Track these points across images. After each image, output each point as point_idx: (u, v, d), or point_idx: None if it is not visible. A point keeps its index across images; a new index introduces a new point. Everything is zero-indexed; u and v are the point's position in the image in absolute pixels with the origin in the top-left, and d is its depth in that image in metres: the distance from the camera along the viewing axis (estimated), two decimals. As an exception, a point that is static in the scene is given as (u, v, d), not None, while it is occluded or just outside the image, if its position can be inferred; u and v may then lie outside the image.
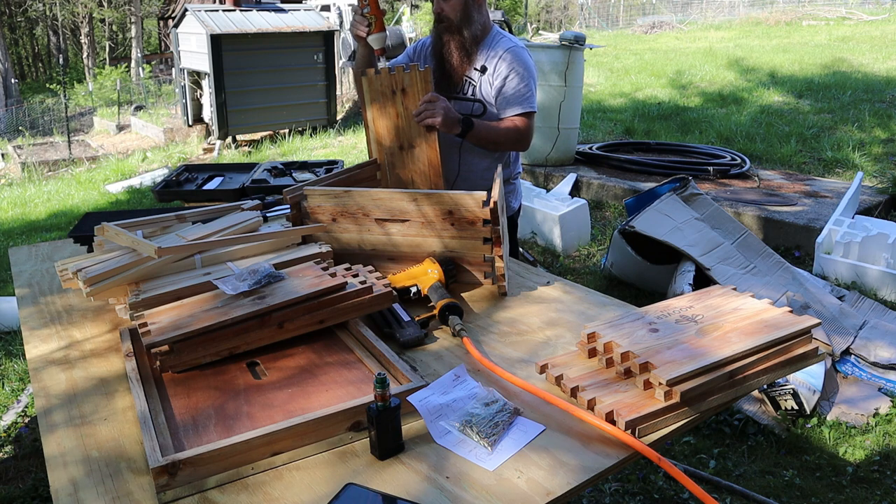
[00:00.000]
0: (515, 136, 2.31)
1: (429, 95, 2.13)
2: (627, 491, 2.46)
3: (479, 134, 2.23)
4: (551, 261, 4.37)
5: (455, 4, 2.26)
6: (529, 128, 2.32)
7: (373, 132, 2.25)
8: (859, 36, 11.92)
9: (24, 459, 2.75)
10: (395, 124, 2.20)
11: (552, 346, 1.54)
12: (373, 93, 2.20)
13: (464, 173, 2.38)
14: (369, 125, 2.25)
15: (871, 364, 2.99)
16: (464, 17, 2.28)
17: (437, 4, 2.28)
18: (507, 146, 2.36)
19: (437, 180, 2.19)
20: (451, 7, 2.26)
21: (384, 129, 2.22)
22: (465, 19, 2.28)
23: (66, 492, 1.12)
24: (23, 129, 13.67)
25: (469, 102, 2.34)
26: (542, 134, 5.66)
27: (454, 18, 2.27)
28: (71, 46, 27.68)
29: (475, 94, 2.34)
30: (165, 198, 2.77)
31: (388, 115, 2.19)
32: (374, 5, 2.18)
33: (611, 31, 17.26)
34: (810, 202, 4.73)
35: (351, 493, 1.08)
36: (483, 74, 2.32)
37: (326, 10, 11.87)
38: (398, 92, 2.17)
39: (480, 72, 2.33)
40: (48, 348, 1.60)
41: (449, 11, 2.27)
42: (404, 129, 2.19)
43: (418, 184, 2.21)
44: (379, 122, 2.21)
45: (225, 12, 9.17)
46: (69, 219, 6.63)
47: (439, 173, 2.19)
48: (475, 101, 2.34)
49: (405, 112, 2.18)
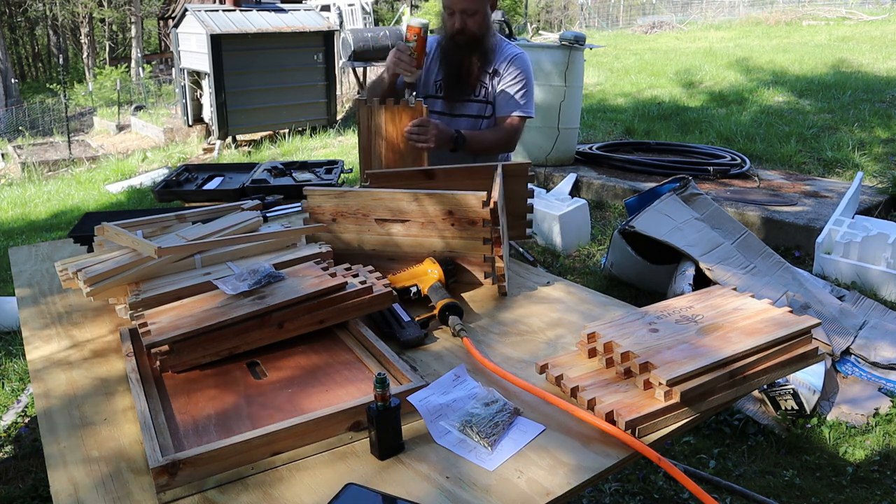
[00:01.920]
0: (505, 139, 2.39)
1: (419, 119, 2.20)
2: (627, 491, 2.46)
3: (470, 146, 2.32)
4: (551, 261, 4.37)
5: (479, 19, 2.31)
6: (520, 131, 2.43)
7: (377, 157, 2.30)
8: (859, 36, 11.92)
9: (24, 459, 2.75)
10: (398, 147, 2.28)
11: (552, 346, 1.54)
12: (378, 118, 2.26)
13: None
14: (375, 151, 2.30)
15: (871, 364, 2.99)
16: (486, 28, 2.35)
17: (460, 20, 2.31)
18: (495, 150, 2.45)
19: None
20: (475, 22, 2.30)
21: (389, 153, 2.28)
22: (486, 30, 2.35)
23: (66, 492, 1.12)
24: (23, 129, 13.68)
25: (481, 104, 2.45)
26: (542, 134, 5.66)
27: (478, 32, 2.32)
28: (71, 46, 27.68)
29: (487, 97, 2.43)
30: (165, 198, 2.76)
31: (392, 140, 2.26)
32: (421, 43, 2.20)
33: (611, 31, 17.26)
34: (810, 202, 4.73)
35: (351, 493, 1.08)
36: (494, 78, 2.42)
37: (326, 10, 11.88)
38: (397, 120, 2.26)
39: (492, 75, 2.41)
40: (48, 348, 1.60)
41: (473, 26, 2.31)
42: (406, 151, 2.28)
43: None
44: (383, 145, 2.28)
45: (225, 12, 9.17)
46: (69, 219, 6.63)
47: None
48: (488, 102, 2.44)
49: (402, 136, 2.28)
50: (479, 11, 2.30)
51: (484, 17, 2.31)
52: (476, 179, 1.96)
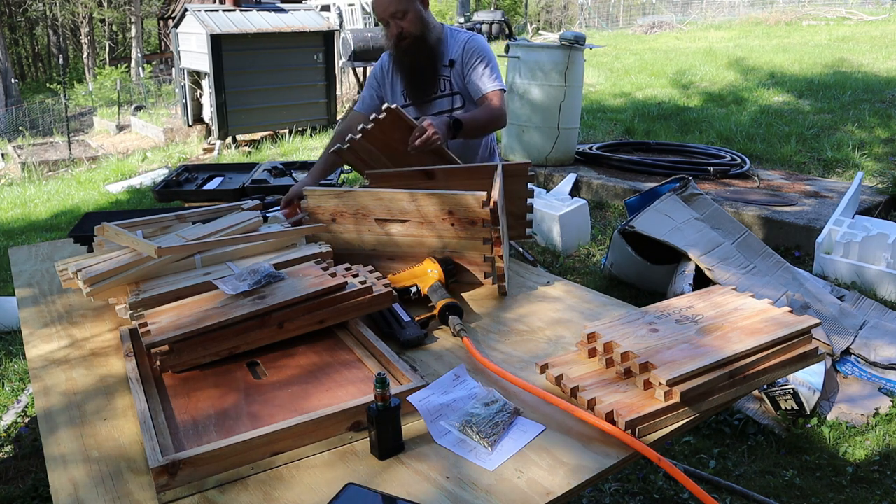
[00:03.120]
0: (496, 113, 2.39)
1: (418, 126, 2.11)
2: (627, 491, 2.46)
3: (467, 128, 2.31)
4: (551, 261, 4.37)
5: (412, 18, 2.33)
6: (503, 103, 2.42)
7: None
8: (859, 36, 11.91)
9: (24, 459, 2.75)
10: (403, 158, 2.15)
11: (552, 346, 1.54)
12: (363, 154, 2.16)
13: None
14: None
15: (871, 364, 2.99)
16: (423, 26, 2.36)
17: (394, 27, 2.34)
18: (491, 128, 2.46)
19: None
20: (409, 23, 2.33)
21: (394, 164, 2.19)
22: (425, 27, 2.37)
23: (66, 492, 1.12)
24: (23, 129, 13.67)
25: (449, 97, 2.46)
26: (543, 134, 5.66)
27: (416, 31, 2.35)
28: (71, 46, 27.68)
29: (452, 88, 2.46)
30: (165, 198, 2.77)
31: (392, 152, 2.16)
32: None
33: (611, 31, 17.25)
34: (810, 202, 4.73)
35: (351, 493, 1.08)
36: (452, 68, 2.43)
37: (326, 10, 11.88)
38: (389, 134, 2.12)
39: (450, 66, 2.44)
40: (48, 348, 1.60)
41: (409, 27, 2.34)
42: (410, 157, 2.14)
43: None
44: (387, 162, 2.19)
45: (225, 12, 9.17)
46: (69, 219, 6.63)
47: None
48: (454, 94, 2.46)
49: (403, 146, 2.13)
50: (409, 10, 2.31)
51: (417, 16, 2.33)
52: (476, 179, 1.96)
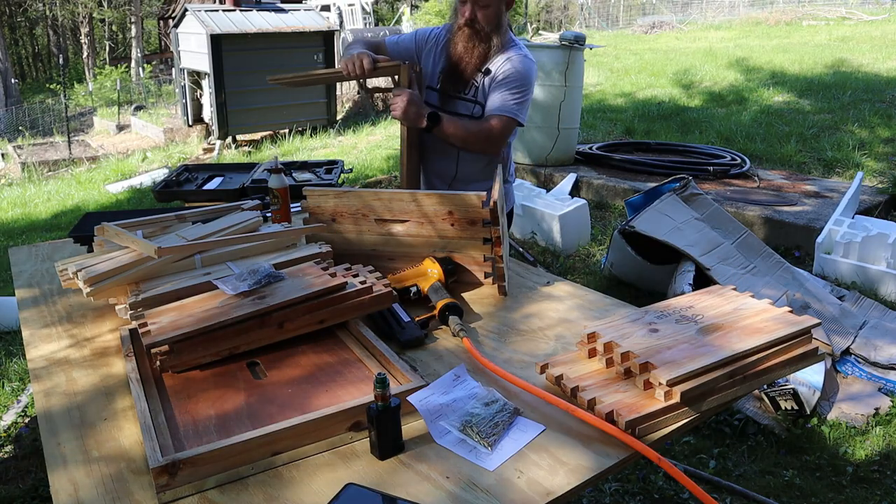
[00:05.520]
0: (486, 136, 2.23)
1: (395, 92, 2.15)
2: (627, 491, 2.46)
3: (446, 130, 2.19)
4: (551, 261, 4.37)
5: (491, 14, 2.20)
6: (504, 133, 2.25)
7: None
8: (859, 36, 11.91)
9: (24, 459, 2.75)
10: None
11: (552, 346, 1.54)
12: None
13: (461, 174, 2.37)
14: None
15: (871, 364, 2.99)
16: (496, 25, 2.24)
17: (470, 10, 2.20)
18: (475, 146, 2.28)
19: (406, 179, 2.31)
20: (486, 15, 2.20)
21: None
22: (497, 28, 2.24)
23: (66, 492, 1.12)
24: (23, 129, 13.67)
25: (470, 104, 2.30)
26: (543, 134, 5.66)
27: (487, 26, 2.22)
28: (71, 46, 27.68)
29: (477, 97, 2.30)
30: (165, 198, 2.76)
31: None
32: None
33: (611, 31, 17.25)
34: (811, 202, 4.73)
35: (351, 493, 1.08)
36: (486, 77, 2.28)
37: (326, 10, 11.89)
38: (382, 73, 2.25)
39: (485, 74, 2.29)
40: (48, 348, 1.60)
41: (483, 19, 2.21)
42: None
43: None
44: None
45: (225, 12, 9.18)
46: (69, 219, 6.63)
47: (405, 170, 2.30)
48: (476, 102, 2.30)
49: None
50: (492, 6, 2.20)
51: (496, 12, 2.22)
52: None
